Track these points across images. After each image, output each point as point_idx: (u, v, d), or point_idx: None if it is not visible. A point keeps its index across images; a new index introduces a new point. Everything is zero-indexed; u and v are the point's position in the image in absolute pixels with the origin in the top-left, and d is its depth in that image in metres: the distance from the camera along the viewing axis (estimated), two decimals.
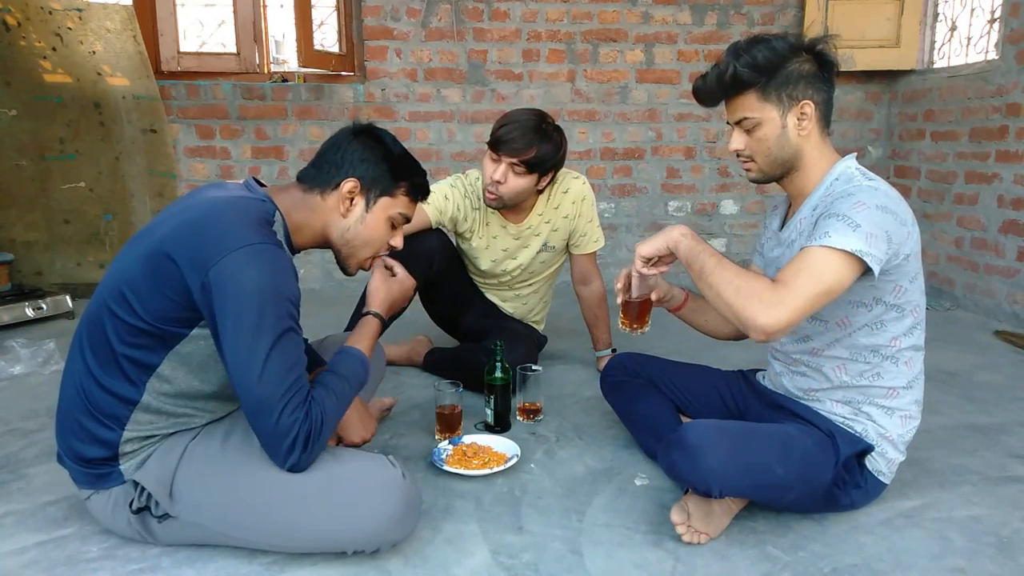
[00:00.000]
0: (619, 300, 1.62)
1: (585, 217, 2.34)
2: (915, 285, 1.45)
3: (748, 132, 1.47)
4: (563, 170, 2.31)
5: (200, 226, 1.24)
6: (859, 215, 1.32)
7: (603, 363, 2.32)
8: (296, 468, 1.26)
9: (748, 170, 1.53)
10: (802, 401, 1.57)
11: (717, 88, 1.46)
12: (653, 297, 1.64)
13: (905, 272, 1.41)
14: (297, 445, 1.23)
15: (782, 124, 1.44)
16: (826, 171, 1.48)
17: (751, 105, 1.44)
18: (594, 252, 2.41)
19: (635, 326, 1.64)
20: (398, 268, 1.67)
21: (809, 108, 1.43)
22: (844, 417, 1.50)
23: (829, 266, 1.30)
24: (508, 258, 2.37)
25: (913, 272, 1.44)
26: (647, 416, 1.79)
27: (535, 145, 2.10)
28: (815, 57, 1.43)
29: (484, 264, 2.37)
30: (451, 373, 2.26)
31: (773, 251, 1.61)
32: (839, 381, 1.51)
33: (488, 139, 2.16)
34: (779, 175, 1.51)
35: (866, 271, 1.32)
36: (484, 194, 2.21)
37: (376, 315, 1.58)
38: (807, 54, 1.43)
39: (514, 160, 2.11)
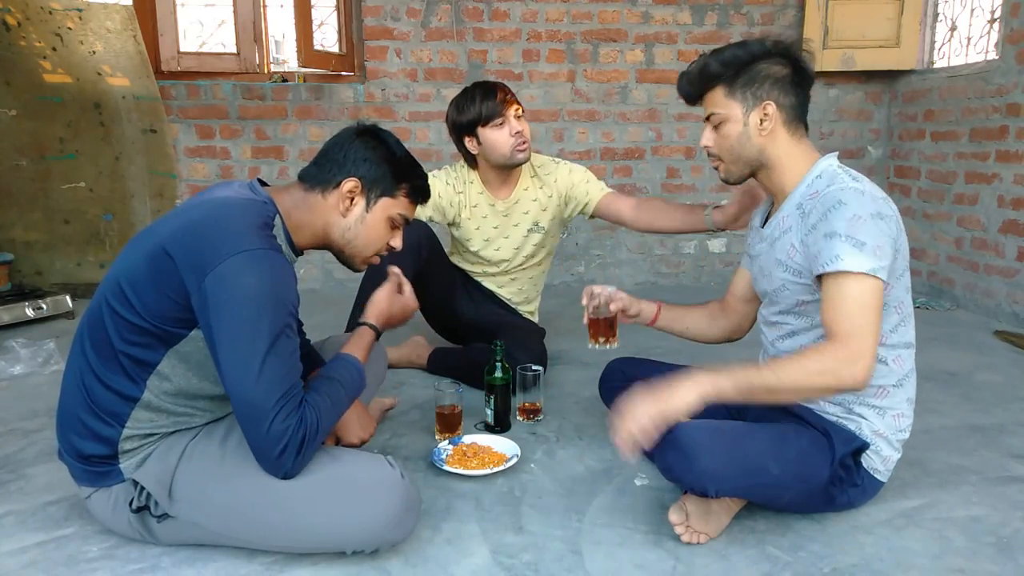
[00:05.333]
0: (584, 320, 1.79)
1: (579, 182, 2.40)
2: (900, 282, 1.46)
3: (716, 128, 1.51)
4: (543, 158, 2.46)
5: (200, 228, 1.24)
6: (861, 232, 1.33)
7: (718, 213, 2.09)
8: (289, 474, 1.25)
9: (717, 169, 1.57)
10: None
11: (687, 82, 1.53)
12: (613, 308, 1.76)
13: (892, 270, 1.41)
14: (289, 451, 1.22)
15: (744, 122, 1.47)
16: (805, 170, 1.49)
17: (718, 100, 1.49)
18: (610, 192, 2.40)
19: (602, 340, 1.81)
20: (407, 287, 1.66)
21: (771, 109, 1.46)
22: (837, 416, 1.50)
23: (862, 290, 1.32)
24: (500, 236, 2.41)
25: (900, 270, 1.44)
26: None
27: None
28: (791, 63, 1.46)
29: (476, 244, 2.41)
30: (461, 374, 2.27)
31: (756, 247, 1.63)
32: None
33: (479, 117, 2.25)
34: (747, 174, 1.54)
35: None
36: (512, 154, 2.27)
37: (372, 327, 1.56)
38: (784, 58, 1.46)
39: (518, 107, 2.28)
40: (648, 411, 1.31)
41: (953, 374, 2.48)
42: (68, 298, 3.20)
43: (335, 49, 3.69)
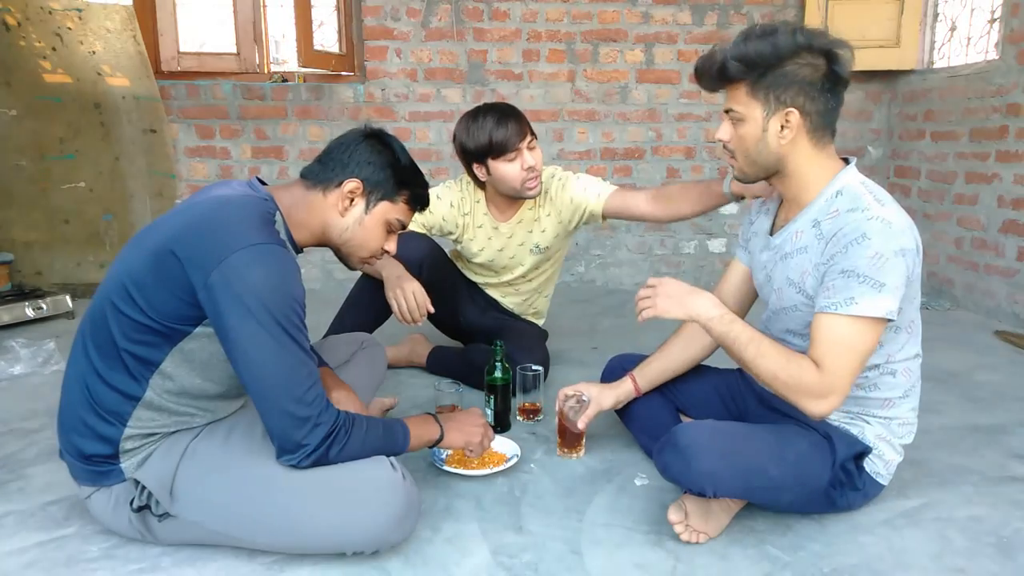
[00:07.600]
0: (557, 427, 1.78)
1: (576, 195, 2.25)
2: (913, 304, 1.43)
3: (734, 125, 1.41)
4: (544, 173, 2.31)
5: (205, 224, 1.25)
6: (883, 272, 1.28)
7: (737, 183, 1.91)
8: (307, 459, 1.25)
9: (731, 166, 1.48)
10: None
11: (706, 75, 1.41)
12: (582, 426, 1.74)
13: (907, 296, 1.37)
14: (316, 432, 1.24)
15: (763, 127, 1.37)
16: (826, 182, 1.40)
17: (740, 98, 1.37)
18: (614, 191, 2.24)
19: (566, 450, 1.82)
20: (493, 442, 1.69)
21: (794, 117, 1.35)
22: (839, 420, 1.49)
23: (863, 336, 1.30)
24: (505, 256, 2.38)
25: (913, 293, 1.41)
26: (646, 417, 1.79)
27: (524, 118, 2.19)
28: (826, 62, 1.34)
29: (480, 259, 2.39)
30: (460, 375, 2.26)
31: (762, 254, 1.56)
32: None
33: (490, 149, 2.12)
34: (761, 177, 1.46)
35: None
36: (523, 189, 2.17)
37: (440, 433, 1.53)
38: (817, 56, 1.34)
39: (532, 138, 2.16)
40: (671, 300, 1.42)
41: (953, 374, 2.48)
42: (68, 298, 3.20)
43: (335, 49, 3.69)
